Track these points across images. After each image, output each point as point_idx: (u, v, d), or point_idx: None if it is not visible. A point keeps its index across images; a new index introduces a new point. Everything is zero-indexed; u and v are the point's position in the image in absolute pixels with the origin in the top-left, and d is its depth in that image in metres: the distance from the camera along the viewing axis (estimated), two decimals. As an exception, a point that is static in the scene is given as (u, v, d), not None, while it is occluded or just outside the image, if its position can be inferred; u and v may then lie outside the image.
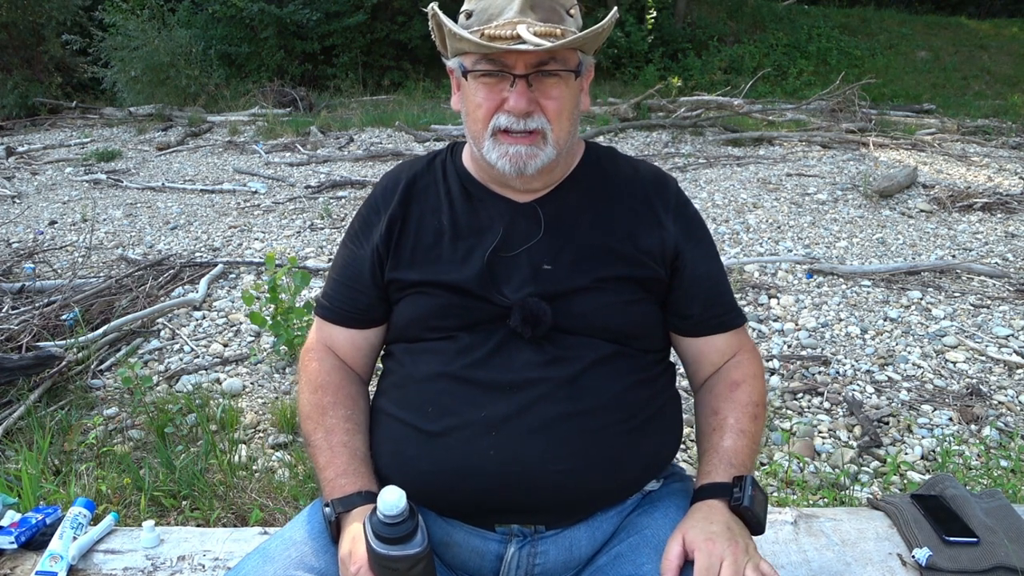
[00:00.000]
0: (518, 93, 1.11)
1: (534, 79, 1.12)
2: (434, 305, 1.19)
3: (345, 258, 1.30)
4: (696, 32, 14.69)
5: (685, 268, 1.23)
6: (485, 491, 1.10)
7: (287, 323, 3.28)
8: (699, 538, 1.04)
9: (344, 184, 6.87)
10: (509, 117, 1.13)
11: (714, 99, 9.69)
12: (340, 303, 1.29)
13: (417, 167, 1.31)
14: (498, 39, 1.08)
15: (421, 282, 1.20)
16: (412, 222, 1.24)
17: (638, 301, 1.20)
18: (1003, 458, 2.50)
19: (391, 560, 0.96)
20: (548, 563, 1.16)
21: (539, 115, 1.14)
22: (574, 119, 1.19)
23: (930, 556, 1.33)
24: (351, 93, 12.54)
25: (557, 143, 1.16)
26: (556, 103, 1.14)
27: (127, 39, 11.64)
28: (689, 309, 1.25)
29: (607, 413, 1.13)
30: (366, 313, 1.28)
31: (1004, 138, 8.69)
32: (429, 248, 1.22)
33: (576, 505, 1.15)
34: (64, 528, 1.41)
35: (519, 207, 1.23)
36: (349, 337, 1.29)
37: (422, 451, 1.14)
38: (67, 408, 2.90)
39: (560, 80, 1.13)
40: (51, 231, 5.74)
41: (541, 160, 1.15)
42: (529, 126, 1.13)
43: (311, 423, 1.22)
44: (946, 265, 4.39)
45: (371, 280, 1.25)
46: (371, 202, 1.30)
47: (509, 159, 1.15)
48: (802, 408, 2.97)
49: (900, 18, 17.64)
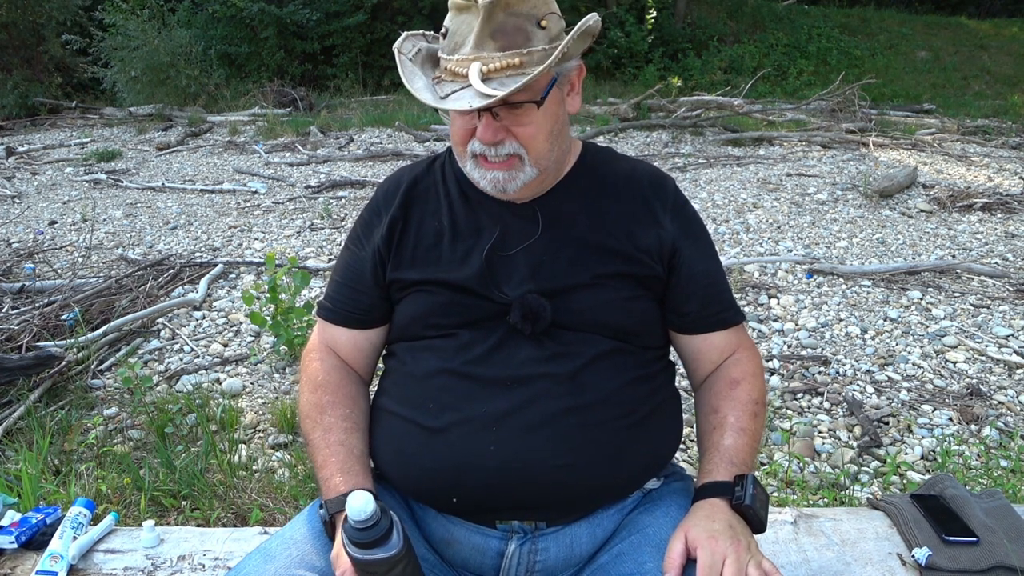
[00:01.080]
0: (483, 126, 1.11)
1: (500, 110, 1.10)
2: (435, 303, 1.20)
3: (347, 260, 1.31)
4: (696, 32, 14.69)
5: (682, 266, 1.24)
6: (486, 487, 1.11)
7: (287, 323, 3.28)
8: (702, 536, 1.04)
9: (344, 184, 6.87)
10: (482, 145, 1.13)
11: (714, 99, 9.70)
12: (342, 304, 1.29)
13: (417, 170, 1.32)
14: (458, 77, 1.08)
15: (422, 281, 1.21)
16: (413, 223, 1.25)
17: (637, 298, 1.21)
18: (1003, 458, 2.50)
19: (368, 564, 0.96)
20: (549, 560, 1.16)
21: (511, 141, 1.13)
22: (554, 135, 1.17)
23: (930, 556, 1.33)
24: (351, 93, 12.54)
25: (536, 163, 1.16)
26: (527, 129, 1.13)
27: (127, 39, 11.64)
28: (687, 306, 1.25)
29: (607, 409, 1.14)
30: (368, 314, 1.28)
31: (1004, 138, 8.69)
32: (430, 248, 1.23)
33: (576, 501, 1.15)
34: (64, 528, 1.41)
35: (516, 208, 1.24)
36: (351, 338, 1.30)
37: (423, 447, 1.14)
38: (67, 408, 2.90)
39: (528, 108, 1.11)
40: (51, 231, 5.74)
41: (521, 180, 1.16)
42: (501, 153, 1.13)
43: (310, 422, 1.23)
44: (946, 265, 4.39)
45: (372, 281, 1.26)
46: (372, 205, 1.31)
47: (489, 182, 1.16)
48: (802, 408, 2.97)
49: (900, 18, 17.65)
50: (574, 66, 1.18)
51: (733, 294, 1.32)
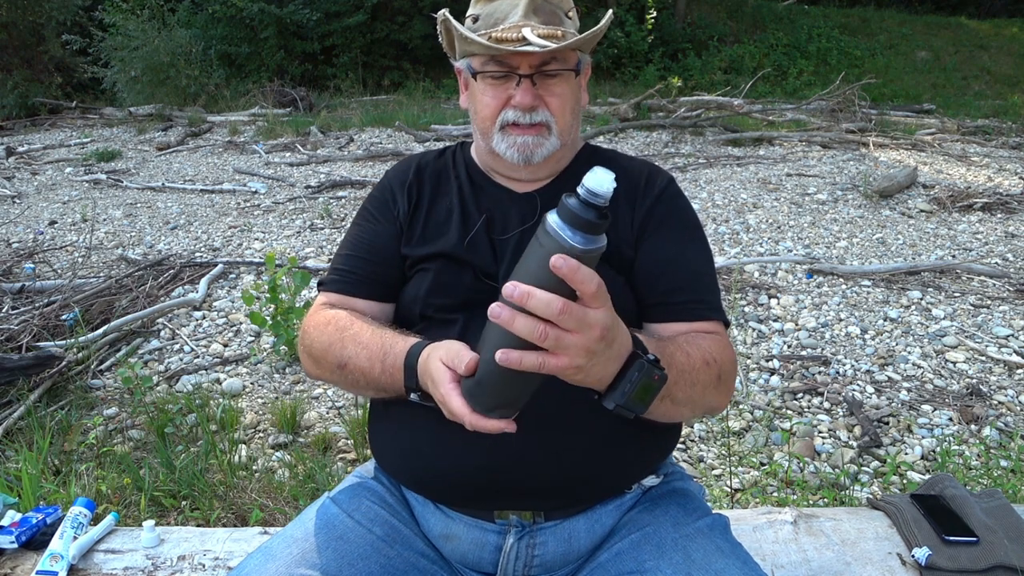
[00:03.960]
0: (524, 90, 1.19)
1: (537, 78, 1.20)
2: (432, 281, 1.21)
3: (358, 234, 1.28)
4: (696, 32, 14.69)
5: (648, 248, 1.20)
6: (483, 479, 1.11)
7: (287, 323, 3.28)
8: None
9: (344, 184, 6.87)
10: (516, 112, 1.20)
11: (714, 99, 9.70)
12: (357, 276, 1.25)
13: (428, 156, 1.37)
14: (505, 41, 1.16)
15: (425, 257, 1.23)
16: (425, 202, 1.29)
17: (627, 291, 1.20)
18: (1003, 458, 2.50)
19: (587, 254, 0.78)
20: (547, 554, 1.16)
21: (543, 109, 1.21)
22: (576, 113, 1.27)
23: (930, 555, 1.33)
24: (351, 93, 12.55)
25: (561, 134, 1.23)
26: (559, 99, 1.22)
27: (127, 39, 11.65)
28: (649, 290, 1.19)
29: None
30: (387, 287, 1.25)
31: (1004, 138, 8.70)
32: (439, 225, 1.26)
33: (573, 493, 1.15)
34: (64, 528, 1.41)
35: (518, 196, 1.28)
36: (369, 308, 1.25)
37: (421, 435, 1.15)
38: (67, 408, 2.90)
39: (562, 78, 1.22)
40: (51, 231, 5.75)
41: (547, 149, 1.22)
42: (535, 119, 1.21)
43: (336, 346, 1.15)
44: (946, 265, 4.39)
45: (396, 252, 1.25)
46: (385, 185, 1.33)
47: (517, 148, 1.21)
48: (802, 408, 2.97)
49: (900, 18, 17.65)
50: (588, 62, 1.29)
51: (719, 297, 1.24)
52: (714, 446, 2.71)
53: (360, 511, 1.17)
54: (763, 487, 2.40)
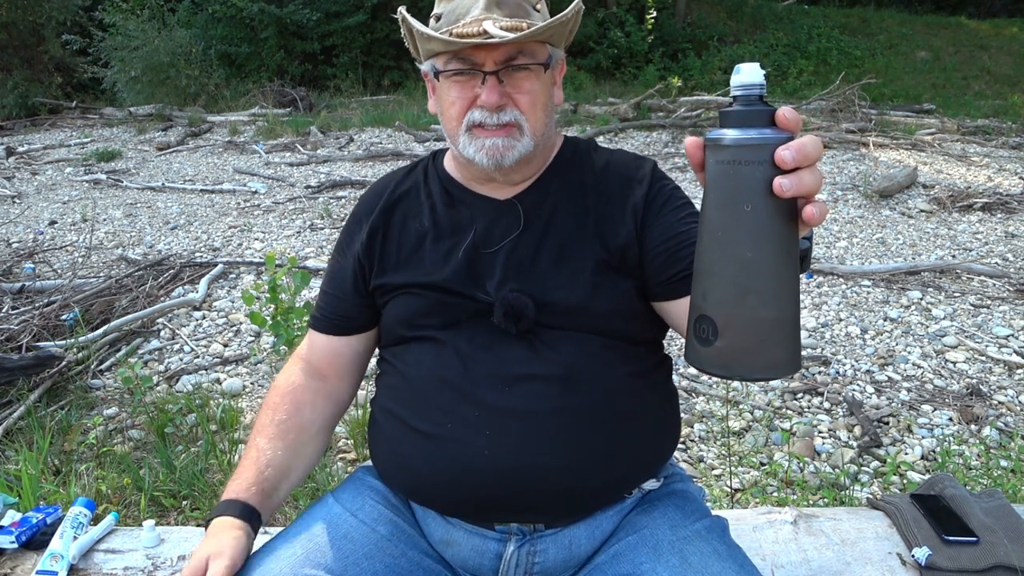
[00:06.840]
0: (489, 88, 1.12)
1: (504, 74, 1.13)
2: (419, 305, 1.19)
3: (331, 269, 1.33)
4: (696, 32, 14.69)
5: (654, 234, 1.18)
6: (481, 489, 1.10)
7: (287, 323, 3.27)
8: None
9: (344, 184, 6.87)
10: (482, 112, 1.14)
11: (714, 99, 9.69)
12: (324, 311, 1.31)
13: (398, 176, 1.33)
14: (466, 36, 1.09)
15: (405, 284, 1.21)
16: (395, 228, 1.25)
17: (621, 290, 1.17)
18: (1003, 458, 2.50)
19: (744, 148, 0.70)
20: (548, 562, 1.16)
21: (512, 108, 1.14)
22: (548, 111, 1.19)
23: (929, 555, 1.33)
24: (351, 93, 12.55)
25: (533, 134, 1.16)
26: (528, 96, 1.15)
27: (127, 39, 11.65)
28: (662, 269, 1.16)
29: (600, 408, 1.12)
30: (347, 320, 1.29)
31: (1004, 138, 8.69)
32: (413, 251, 1.23)
33: (572, 502, 1.14)
34: (64, 528, 1.41)
35: (499, 204, 1.22)
36: (329, 343, 1.31)
37: (417, 450, 1.14)
38: (67, 408, 2.91)
39: (531, 73, 1.14)
40: (51, 231, 5.75)
41: (518, 151, 1.16)
42: (502, 119, 1.14)
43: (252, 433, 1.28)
44: (946, 265, 4.39)
45: (352, 288, 1.27)
46: (355, 214, 1.33)
47: (486, 152, 1.15)
48: (802, 408, 2.97)
49: (900, 18, 17.65)
50: (561, 56, 1.21)
51: None
52: (714, 446, 2.71)
53: (364, 510, 1.17)
54: (763, 487, 2.40)
